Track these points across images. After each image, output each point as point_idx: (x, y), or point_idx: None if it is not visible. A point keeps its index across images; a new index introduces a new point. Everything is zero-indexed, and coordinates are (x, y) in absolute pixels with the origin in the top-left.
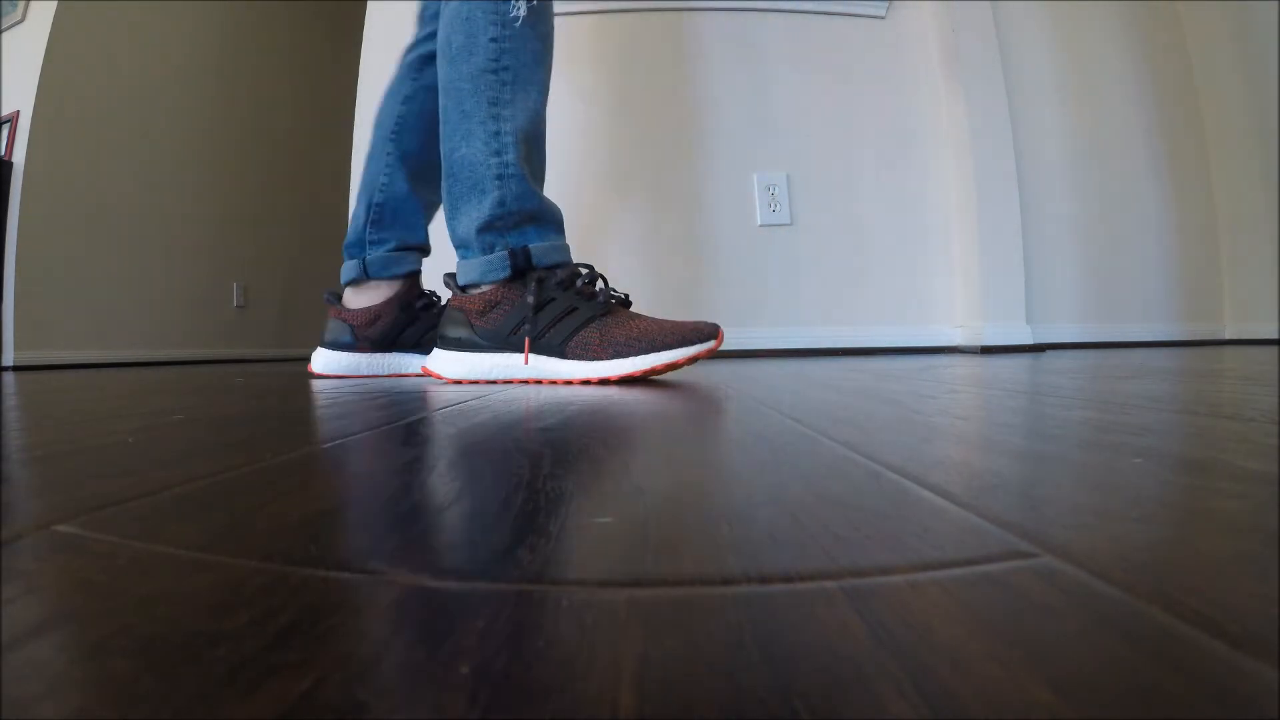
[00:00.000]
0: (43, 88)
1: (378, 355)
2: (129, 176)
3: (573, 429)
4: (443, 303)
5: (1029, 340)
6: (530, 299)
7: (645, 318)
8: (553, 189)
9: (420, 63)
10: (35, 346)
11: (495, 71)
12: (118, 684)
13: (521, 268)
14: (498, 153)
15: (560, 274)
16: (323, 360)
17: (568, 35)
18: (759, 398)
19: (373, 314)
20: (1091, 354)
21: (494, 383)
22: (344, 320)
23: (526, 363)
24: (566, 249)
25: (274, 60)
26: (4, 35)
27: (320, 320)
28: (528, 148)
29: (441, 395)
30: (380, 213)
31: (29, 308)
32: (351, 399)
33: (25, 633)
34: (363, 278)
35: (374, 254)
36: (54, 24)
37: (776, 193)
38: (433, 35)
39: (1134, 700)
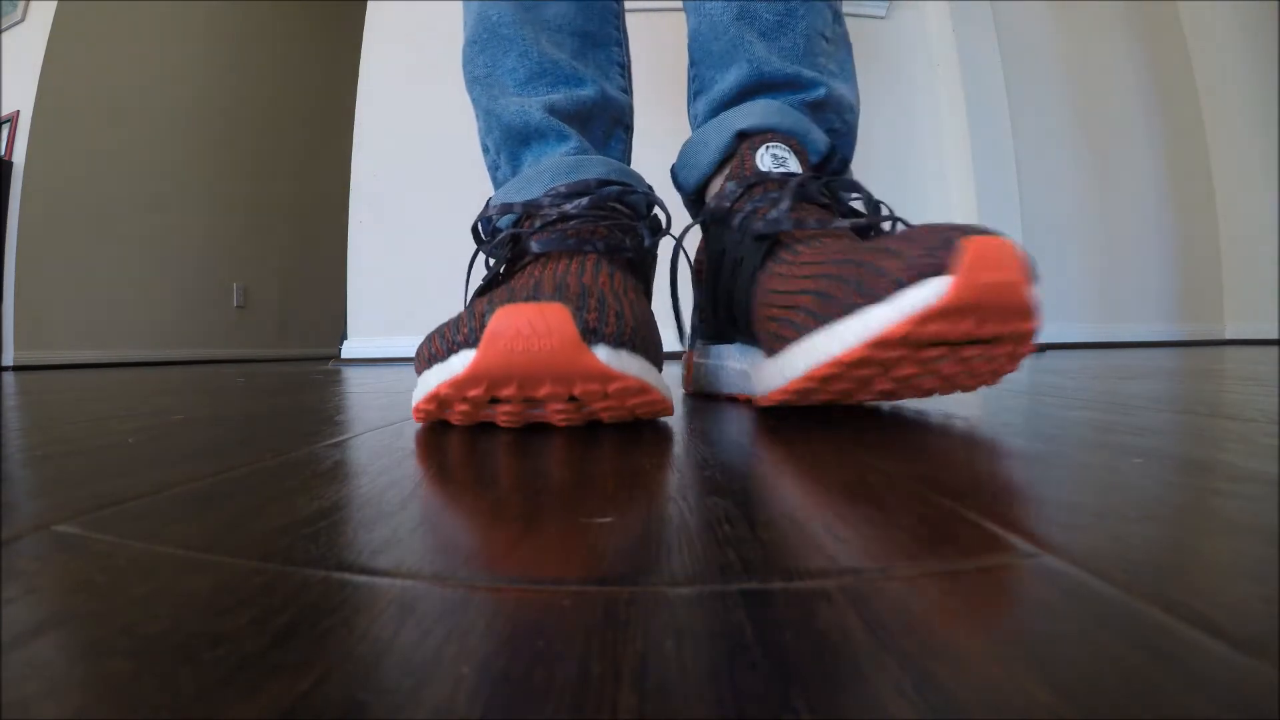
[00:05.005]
0: (43, 88)
1: None
2: (129, 176)
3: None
4: None
5: None
6: None
7: None
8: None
9: None
10: (35, 346)
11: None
12: (118, 684)
13: None
14: None
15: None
16: None
17: None
18: None
19: None
20: (1092, 354)
21: None
22: None
23: None
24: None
25: (274, 60)
26: (4, 35)
27: (319, 319)
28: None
29: None
30: None
31: (29, 308)
32: (354, 395)
33: (25, 633)
34: None
35: None
36: (54, 24)
37: None
38: None
39: (1134, 700)
